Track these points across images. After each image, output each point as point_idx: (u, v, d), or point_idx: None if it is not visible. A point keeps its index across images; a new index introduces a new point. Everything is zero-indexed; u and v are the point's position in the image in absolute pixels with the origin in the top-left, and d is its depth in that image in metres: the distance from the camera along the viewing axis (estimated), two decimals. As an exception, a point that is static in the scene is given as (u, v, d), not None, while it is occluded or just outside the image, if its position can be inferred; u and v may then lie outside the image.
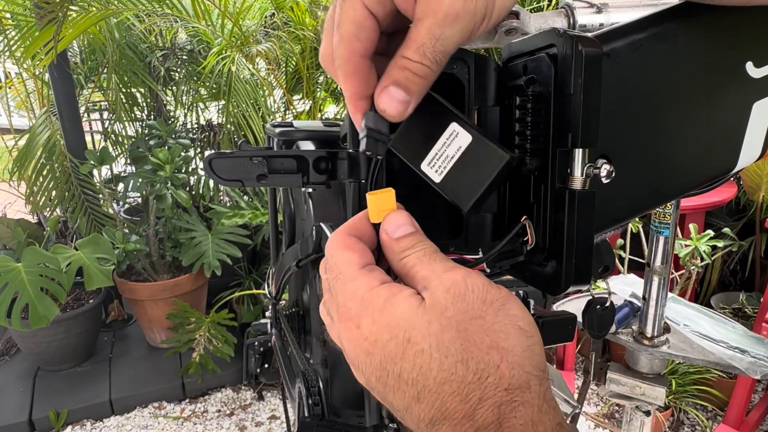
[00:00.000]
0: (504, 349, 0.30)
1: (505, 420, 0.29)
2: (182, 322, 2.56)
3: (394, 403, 0.32)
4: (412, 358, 0.30)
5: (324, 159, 0.45)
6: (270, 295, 0.95)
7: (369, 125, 0.36)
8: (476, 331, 0.30)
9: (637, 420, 1.06)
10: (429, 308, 0.31)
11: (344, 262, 0.35)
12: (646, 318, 1.00)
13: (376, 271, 0.35)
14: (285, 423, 0.99)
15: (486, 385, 0.29)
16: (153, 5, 2.44)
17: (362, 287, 0.33)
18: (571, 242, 0.37)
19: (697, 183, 0.46)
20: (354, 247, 0.35)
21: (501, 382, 0.29)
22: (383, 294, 0.32)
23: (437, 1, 0.31)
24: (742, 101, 0.44)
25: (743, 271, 2.71)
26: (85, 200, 2.69)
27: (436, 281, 0.32)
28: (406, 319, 0.31)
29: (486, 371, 0.29)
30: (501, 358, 0.30)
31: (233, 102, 2.60)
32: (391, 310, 0.31)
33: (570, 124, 0.35)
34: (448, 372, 0.30)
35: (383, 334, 0.31)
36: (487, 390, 0.29)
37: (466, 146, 0.36)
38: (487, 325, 0.31)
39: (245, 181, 0.44)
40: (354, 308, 0.33)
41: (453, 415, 0.29)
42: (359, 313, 0.33)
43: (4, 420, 2.38)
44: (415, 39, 0.33)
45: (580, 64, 0.34)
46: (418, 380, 0.30)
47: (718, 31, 0.41)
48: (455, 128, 0.36)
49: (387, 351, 0.31)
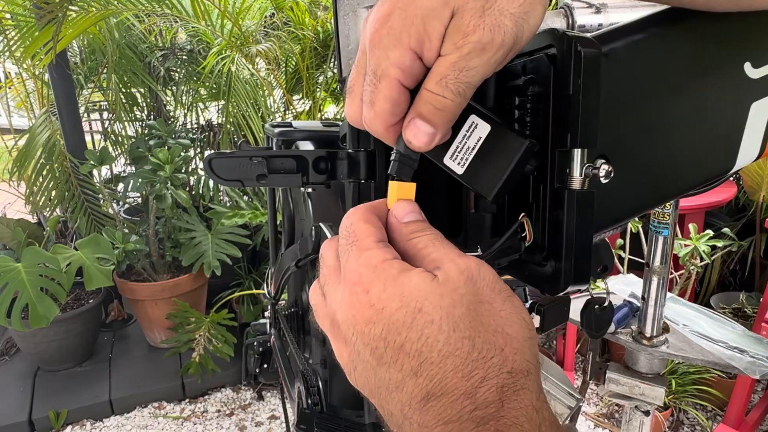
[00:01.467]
0: (508, 335, 0.31)
1: (507, 401, 0.29)
2: (182, 322, 2.56)
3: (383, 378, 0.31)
4: (421, 328, 0.30)
5: (323, 159, 0.45)
6: (269, 296, 0.95)
7: (400, 150, 0.37)
8: (485, 313, 0.31)
9: (637, 420, 1.06)
10: (443, 283, 0.31)
11: (362, 231, 0.35)
12: (645, 318, 1.00)
13: (390, 248, 0.35)
14: (285, 423, 0.99)
15: (490, 365, 0.29)
16: (153, 5, 2.44)
17: (377, 257, 0.33)
18: (570, 242, 0.37)
19: (696, 183, 0.46)
20: (374, 222, 0.36)
21: (505, 364, 0.30)
22: (397, 266, 0.32)
23: (464, 35, 0.31)
24: (740, 101, 0.44)
25: (743, 271, 2.71)
26: (85, 200, 2.69)
27: (449, 263, 0.32)
28: (419, 290, 0.31)
29: (491, 351, 0.30)
30: (505, 342, 0.30)
31: (233, 102, 2.60)
32: (404, 281, 0.31)
33: (569, 125, 0.35)
34: (453, 346, 0.30)
35: (393, 302, 0.31)
36: (491, 370, 0.29)
37: (486, 136, 0.37)
38: (494, 310, 0.31)
39: (245, 181, 0.44)
40: (366, 274, 0.33)
41: (452, 390, 0.29)
42: (371, 279, 0.32)
43: (4, 420, 2.38)
44: (438, 71, 0.33)
45: (579, 64, 0.34)
46: (422, 351, 0.30)
47: (716, 31, 0.42)
48: (474, 120, 0.37)
49: (393, 320, 0.31)
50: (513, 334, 0.31)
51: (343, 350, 0.34)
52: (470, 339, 0.30)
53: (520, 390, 0.30)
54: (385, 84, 0.34)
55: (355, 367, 0.33)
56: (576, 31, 0.44)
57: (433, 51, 0.33)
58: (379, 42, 0.33)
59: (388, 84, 0.34)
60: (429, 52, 0.33)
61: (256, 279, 2.88)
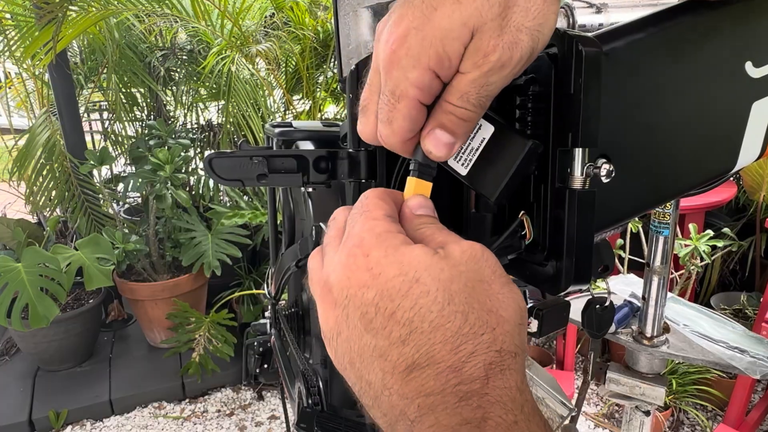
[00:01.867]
0: (502, 317, 0.31)
1: (492, 379, 0.29)
2: (182, 322, 2.56)
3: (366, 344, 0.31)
4: (416, 297, 0.30)
5: (324, 158, 0.45)
6: (269, 296, 0.95)
7: (419, 160, 0.37)
8: (482, 292, 0.31)
9: (637, 420, 1.06)
10: (444, 258, 0.32)
11: (374, 205, 0.35)
12: (645, 318, 1.00)
13: (398, 224, 0.35)
14: (285, 423, 0.99)
15: (480, 341, 0.30)
16: (153, 5, 2.44)
17: (382, 226, 0.34)
18: (571, 241, 0.37)
19: (697, 182, 0.46)
20: (388, 201, 0.36)
21: (494, 342, 0.30)
22: (401, 239, 0.33)
23: (484, 54, 0.32)
24: (741, 101, 0.44)
25: (743, 271, 2.71)
26: (85, 200, 2.69)
27: (454, 243, 0.33)
28: (420, 261, 0.31)
29: (482, 328, 0.30)
30: (498, 323, 0.31)
31: (233, 102, 2.60)
32: (405, 251, 0.32)
33: (570, 124, 0.35)
34: (446, 319, 0.30)
35: (392, 268, 0.31)
36: (480, 346, 0.30)
37: (490, 137, 0.37)
38: (492, 291, 0.32)
39: (245, 181, 0.44)
40: (368, 239, 0.33)
41: (438, 362, 0.29)
42: (372, 244, 0.32)
43: (4, 420, 2.38)
44: (459, 88, 0.34)
45: (580, 63, 0.34)
46: (413, 320, 0.30)
47: (717, 31, 0.42)
48: (479, 121, 0.37)
49: (389, 286, 0.31)
50: (506, 316, 0.31)
51: (330, 314, 0.33)
52: (463, 314, 0.30)
53: (506, 370, 0.30)
54: (405, 104, 0.35)
55: (340, 332, 0.33)
56: (577, 30, 0.44)
57: (453, 69, 0.34)
58: (397, 63, 0.34)
59: (407, 104, 0.35)
60: (448, 70, 0.34)
61: (256, 279, 2.88)
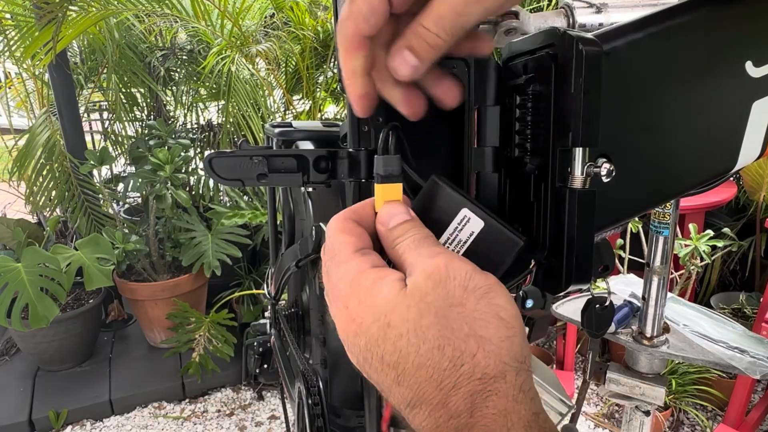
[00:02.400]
0: (482, 338, 0.30)
1: (476, 409, 0.29)
2: (182, 322, 2.56)
3: (379, 383, 0.33)
4: (393, 342, 0.31)
5: (324, 158, 0.45)
6: (269, 296, 0.95)
7: (380, 173, 0.37)
8: (455, 318, 0.31)
9: (637, 420, 1.06)
10: (409, 293, 0.31)
11: (340, 244, 0.35)
12: (645, 318, 1.00)
13: (369, 254, 0.35)
14: (285, 423, 0.99)
15: (460, 374, 0.30)
16: (153, 5, 2.44)
17: (353, 269, 0.34)
18: (572, 241, 0.37)
19: (697, 182, 0.46)
20: (352, 230, 0.36)
21: (476, 371, 0.30)
22: (371, 277, 0.33)
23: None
24: (741, 101, 0.44)
25: (743, 271, 2.71)
26: (85, 200, 2.69)
27: (420, 267, 0.33)
28: (387, 303, 0.31)
29: (461, 359, 0.30)
30: (478, 347, 0.30)
31: (233, 102, 2.60)
32: (375, 293, 0.32)
33: (570, 123, 0.35)
34: (424, 357, 0.30)
35: (368, 316, 0.32)
36: (461, 378, 0.30)
37: (479, 232, 0.36)
38: (466, 312, 0.31)
39: (245, 181, 0.44)
40: (344, 289, 0.34)
41: (429, 400, 0.30)
42: (348, 294, 0.33)
43: (4, 420, 2.38)
44: (437, 11, 0.33)
45: (580, 63, 0.34)
46: (399, 363, 0.31)
47: (717, 30, 0.42)
48: (466, 213, 0.37)
49: (371, 333, 0.32)
50: (487, 336, 0.30)
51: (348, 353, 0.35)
52: (439, 348, 0.30)
53: (492, 396, 0.30)
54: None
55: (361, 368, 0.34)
56: (577, 30, 0.44)
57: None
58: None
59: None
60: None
61: (256, 279, 2.88)
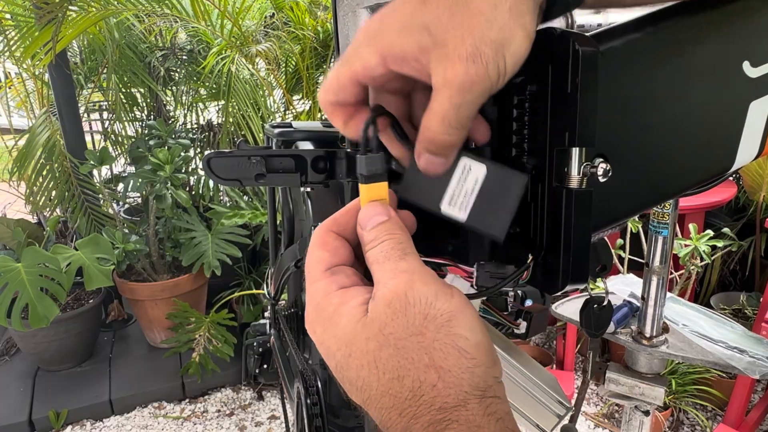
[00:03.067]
0: (442, 368, 0.30)
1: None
2: (182, 322, 2.56)
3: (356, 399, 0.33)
4: (356, 371, 0.32)
5: (322, 158, 0.45)
6: (269, 296, 0.95)
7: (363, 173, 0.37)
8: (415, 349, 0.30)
9: (637, 420, 1.06)
10: (369, 323, 0.31)
11: (313, 262, 0.36)
12: (645, 318, 1.00)
13: (339, 273, 0.35)
14: (284, 423, 0.99)
15: (420, 403, 0.30)
16: (153, 5, 2.44)
17: (320, 292, 0.34)
18: (568, 241, 0.37)
19: (695, 182, 0.46)
20: (329, 245, 0.36)
21: (435, 401, 0.30)
22: (334, 302, 0.33)
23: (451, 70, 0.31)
24: (739, 100, 0.44)
25: (743, 271, 2.71)
26: (85, 200, 2.69)
27: (381, 289, 0.32)
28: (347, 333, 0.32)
29: (421, 389, 0.30)
30: (438, 378, 0.30)
31: (233, 102, 2.60)
32: (337, 321, 0.33)
33: (567, 123, 0.35)
34: (386, 386, 0.31)
35: (332, 343, 0.33)
36: (421, 408, 0.30)
37: (483, 177, 0.36)
38: (426, 342, 0.30)
39: (244, 181, 0.44)
40: (312, 313, 0.34)
41: (394, 426, 0.31)
42: (315, 319, 0.34)
43: (4, 420, 2.38)
44: (438, 111, 0.33)
45: (577, 63, 0.34)
46: (364, 389, 0.32)
47: (715, 30, 0.42)
48: (466, 162, 0.37)
49: (337, 359, 0.33)
50: (447, 367, 0.30)
51: None
52: (399, 379, 0.30)
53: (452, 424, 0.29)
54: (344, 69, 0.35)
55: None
56: (575, 30, 0.44)
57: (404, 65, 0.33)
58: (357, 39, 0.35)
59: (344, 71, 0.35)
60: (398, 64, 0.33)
61: (256, 279, 2.88)
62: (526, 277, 0.39)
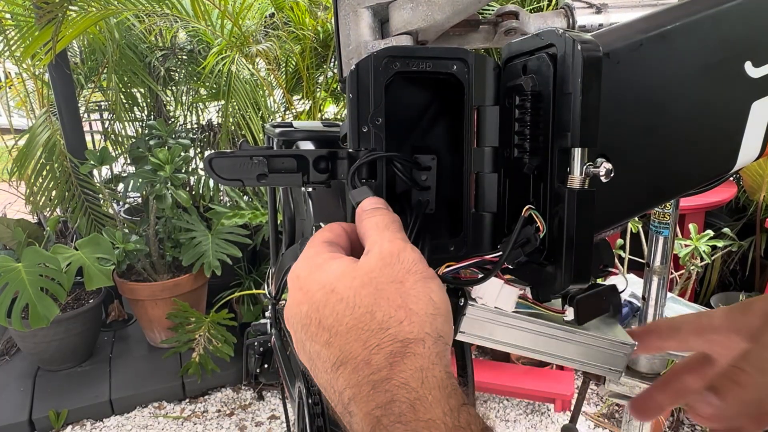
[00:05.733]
0: (411, 310, 0.35)
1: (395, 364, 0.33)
2: (182, 322, 2.56)
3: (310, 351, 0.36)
4: (333, 305, 0.35)
5: (324, 158, 0.45)
6: (270, 295, 0.95)
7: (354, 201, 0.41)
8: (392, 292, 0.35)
9: (637, 419, 1.06)
10: (359, 267, 0.36)
11: (316, 236, 0.40)
12: (645, 318, 1.00)
13: (335, 246, 0.40)
14: (285, 423, 1.00)
15: (385, 336, 0.34)
16: (153, 5, 2.44)
17: (312, 250, 0.39)
18: (571, 241, 0.37)
19: (697, 182, 0.46)
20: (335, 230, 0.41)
21: (399, 335, 0.34)
22: (326, 257, 0.38)
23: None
24: (741, 101, 0.44)
25: (743, 271, 2.71)
26: (85, 200, 2.69)
27: (377, 247, 0.37)
28: (335, 275, 0.36)
29: (388, 323, 0.34)
30: (405, 316, 0.34)
31: (233, 102, 2.60)
32: (325, 268, 0.37)
33: (569, 124, 0.35)
34: (357, 320, 0.34)
35: (315, 284, 0.36)
36: (385, 339, 0.34)
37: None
38: (404, 288, 0.35)
39: (245, 181, 0.44)
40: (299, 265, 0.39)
41: (354, 357, 0.34)
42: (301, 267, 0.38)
43: (4, 420, 2.38)
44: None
45: (579, 64, 0.34)
46: (333, 326, 0.35)
47: (717, 31, 0.42)
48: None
49: (315, 299, 0.36)
50: (416, 309, 0.35)
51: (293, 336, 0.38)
52: (371, 313, 0.34)
53: (410, 355, 0.33)
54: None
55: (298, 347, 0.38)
56: (576, 31, 0.44)
57: None
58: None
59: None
60: None
61: (256, 279, 2.88)
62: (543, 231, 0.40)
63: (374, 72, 0.40)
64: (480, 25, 0.60)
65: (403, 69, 0.40)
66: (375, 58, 0.40)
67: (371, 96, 0.40)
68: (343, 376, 0.34)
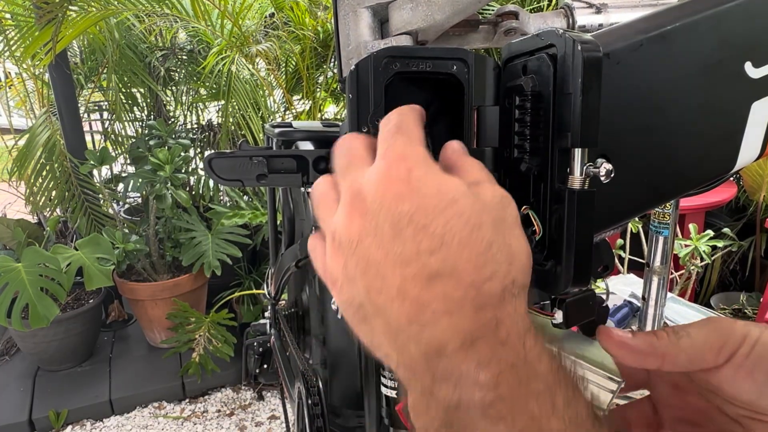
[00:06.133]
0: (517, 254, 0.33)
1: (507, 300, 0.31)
2: (182, 322, 2.56)
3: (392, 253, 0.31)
4: (449, 217, 0.31)
5: (324, 159, 0.45)
6: (269, 296, 0.95)
7: None
8: (505, 231, 0.33)
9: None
10: (477, 194, 0.33)
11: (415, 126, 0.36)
12: (645, 318, 1.00)
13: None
14: (285, 423, 1.00)
15: (499, 268, 0.31)
16: (153, 5, 2.44)
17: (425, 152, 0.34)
18: (571, 242, 0.37)
19: (697, 183, 0.46)
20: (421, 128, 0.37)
21: (509, 273, 0.32)
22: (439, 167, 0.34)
23: None
24: (741, 101, 0.44)
25: (743, 271, 2.71)
26: (85, 200, 2.69)
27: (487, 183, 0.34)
28: (457, 188, 0.32)
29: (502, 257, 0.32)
30: (514, 258, 0.32)
31: (233, 102, 2.60)
32: (446, 177, 0.33)
33: (569, 124, 0.35)
34: (473, 241, 0.31)
35: (431, 187, 0.32)
36: (498, 272, 0.31)
37: None
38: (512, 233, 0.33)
39: (245, 181, 0.44)
40: (413, 157, 0.33)
41: (461, 275, 0.30)
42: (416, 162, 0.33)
43: (4, 420, 2.38)
44: None
45: (579, 64, 0.34)
46: (444, 236, 0.31)
47: (717, 31, 0.42)
48: None
49: (425, 202, 0.31)
50: (520, 255, 0.33)
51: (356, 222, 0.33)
52: (488, 242, 0.31)
53: (518, 297, 0.32)
54: None
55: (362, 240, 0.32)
56: (576, 31, 0.44)
57: None
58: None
59: None
60: None
61: (256, 279, 2.88)
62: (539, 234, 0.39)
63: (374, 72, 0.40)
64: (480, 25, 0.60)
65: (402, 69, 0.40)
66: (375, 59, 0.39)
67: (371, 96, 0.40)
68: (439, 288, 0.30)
